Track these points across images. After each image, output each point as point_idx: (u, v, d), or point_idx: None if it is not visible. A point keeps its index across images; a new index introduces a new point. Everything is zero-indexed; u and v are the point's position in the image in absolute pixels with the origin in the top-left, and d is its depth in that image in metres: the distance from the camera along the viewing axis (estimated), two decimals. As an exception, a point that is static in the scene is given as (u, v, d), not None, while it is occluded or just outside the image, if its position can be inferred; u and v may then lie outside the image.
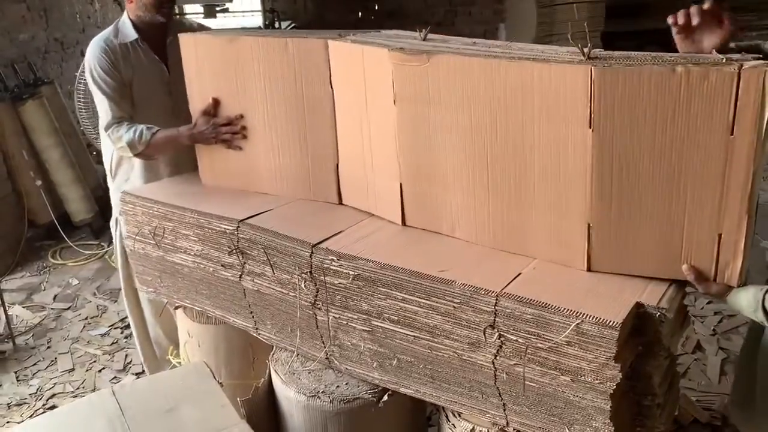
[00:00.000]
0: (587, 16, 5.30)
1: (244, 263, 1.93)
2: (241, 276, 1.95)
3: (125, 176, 2.52)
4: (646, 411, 1.51)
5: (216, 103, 2.09)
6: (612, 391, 1.36)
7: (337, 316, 1.77)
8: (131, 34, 2.38)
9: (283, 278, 1.85)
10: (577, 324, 1.36)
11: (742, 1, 6.14)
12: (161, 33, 2.43)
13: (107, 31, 2.41)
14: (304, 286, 1.79)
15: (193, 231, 2.02)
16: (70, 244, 4.14)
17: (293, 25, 6.62)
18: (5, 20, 4.28)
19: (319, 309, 1.80)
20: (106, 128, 2.32)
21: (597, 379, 1.37)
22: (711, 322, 2.99)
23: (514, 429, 1.56)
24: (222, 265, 1.99)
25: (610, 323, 1.32)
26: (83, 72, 3.48)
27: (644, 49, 5.04)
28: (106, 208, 4.49)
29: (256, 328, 2.01)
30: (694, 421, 2.37)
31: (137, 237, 2.21)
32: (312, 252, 1.75)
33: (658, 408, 1.50)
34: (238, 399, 1.82)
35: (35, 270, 3.99)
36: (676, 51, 1.42)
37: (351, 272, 1.68)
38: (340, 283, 1.72)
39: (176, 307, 2.27)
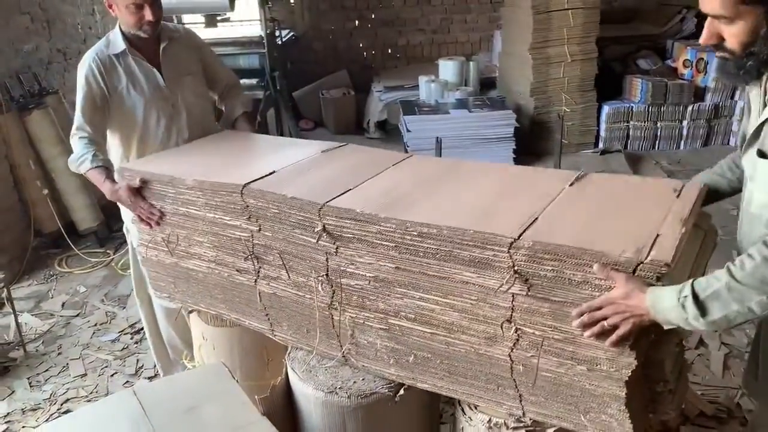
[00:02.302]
0: (582, 22, 5.39)
1: (260, 268, 1.96)
2: (256, 280, 1.99)
3: None
4: (658, 397, 1.55)
5: (143, 183, 2.12)
6: (627, 379, 1.41)
7: (354, 315, 1.81)
8: (120, 45, 2.44)
9: (299, 281, 1.89)
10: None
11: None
12: (152, 41, 2.49)
13: (100, 43, 2.48)
14: (321, 288, 1.83)
15: (207, 238, 2.05)
16: (77, 252, 4.17)
17: (292, 34, 6.68)
18: (10, 31, 4.32)
19: (336, 309, 1.84)
20: (71, 134, 2.40)
21: (613, 367, 1.42)
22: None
23: (530, 419, 1.61)
24: (237, 270, 2.02)
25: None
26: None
27: (638, 54, 5.09)
28: (111, 217, 4.55)
29: (272, 330, 2.05)
30: (699, 413, 2.43)
31: (150, 245, 2.25)
32: (328, 256, 1.79)
33: (670, 393, 1.54)
34: (256, 397, 1.86)
35: (42, 278, 4.02)
36: (666, 58, 1.52)
37: (368, 274, 1.72)
38: (357, 285, 1.76)
39: (190, 311, 2.31)
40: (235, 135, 2.59)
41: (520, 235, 1.47)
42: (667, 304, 1.32)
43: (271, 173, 1.96)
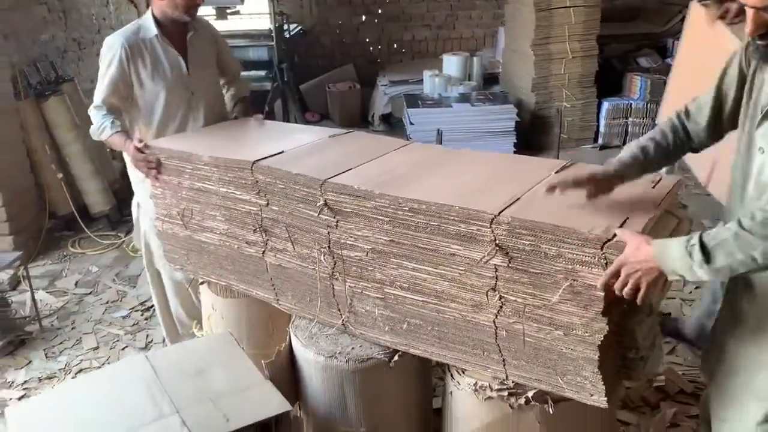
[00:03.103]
0: (584, 20, 5.52)
1: (267, 240, 2.11)
2: (264, 252, 2.14)
3: None
4: (630, 363, 1.69)
5: (145, 145, 2.36)
6: (599, 343, 1.54)
7: (353, 285, 1.95)
8: (152, 30, 2.57)
9: (303, 253, 2.03)
10: (569, 284, 1.55)
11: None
12: (183, 29, 2.64)
13: (130, 26, 2.62)
14: (323, 259, 1.98)
15: (220, 212, 2.20)
16: (90, 234, 4.32)
17: (300, 28, 6.82)
18: (28, 21, 4.48)
19: (337, 280, 1.98)
20: (90, 108, 2.57)
21: (587, 332, 1.55)
22: (697, 305, 3.18)
23: (512, 381, 1.74)
24: (246, 243, 2.17)
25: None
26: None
27: (639, 52, 5.23)
28: (122, 201, 4.71)
29: (277, 300, 2.20)
30: (680, 391, 2.57)
31: (165, 218, 2.40)
32: (329, 230, 1.93)
33: (642, 360, 1.68)
34: (263, 361, 2.00)
35: (56, 258, 4.17)
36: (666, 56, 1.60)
37: (366, 246, 1.86)
38: (355, 256, 1.90)
39: (201, 283, 2.46)
40: (250, 121, 2.73)
41: (500, 212, 1.60)
42: (674, 253, 1.41)
43: (279, 153, 2.11)
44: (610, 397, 1.62)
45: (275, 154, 2.10)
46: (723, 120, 1.67)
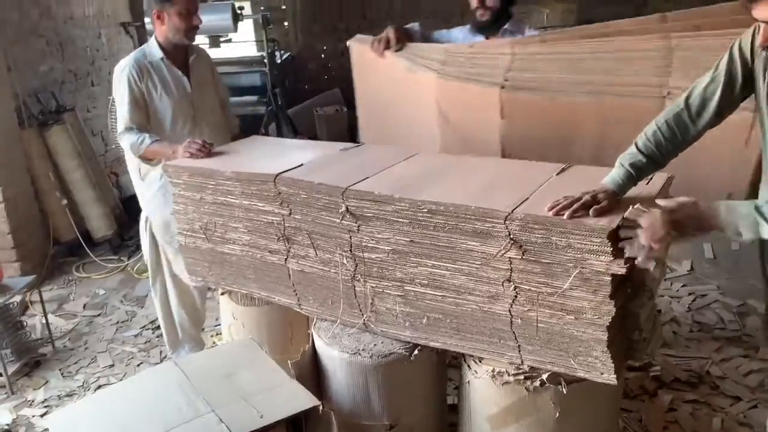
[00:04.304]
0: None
1: (290, 248, 2.24)
2: (286, 259, 2.27)
3: (156, 176, 2.87)
4: (634, 344, 1.85)
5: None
6: (608, 324, 1.70)
7: (374, 285, 2.08)
8: (157, 53, 2.81)
9: (325, 258, 2.17)
10: (579, 271, 1.71)
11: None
12: (184, 53, 2.89)
13: (136, 52, 2.85)
14: (345, 262, 2.12)
15: (243, 224, 2.33)
16: (95, 258, 4.40)
17: (289, 54, 7.01)
18: (29, 54, 4.60)
19: (358, 281, 2.12)
20: (120, 133, 2.77)
21: (596, 315, 1.70)
22: (686, 301, 3.38)
23: (528, 366, 1.89)
24: (269, 252, 2.30)
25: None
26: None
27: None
28: (123, 226, 4.81)
29: (299, 304, 2.32)
30: (674, 379, 2.73)
31: (188, 233, 2.52)
32: (351, 234, 2.07)
33: (644, 341, 1.84)
34: (289, 361, 2.12)
35: (62, 283, 4.25)
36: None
37: (386, 247, 2.00)
38: (377, 257, 2.04)
39: (222, 293, 2.58)
40: (264, 139, 2.92)
41: (513, 210, 1.76)
42: (743, 211, 1.53)
43: (299, 165, 2.25)
44: (618, 375, 1.77)
45: (295, 167, 2.24)
46: (734, 100, 1.78)
